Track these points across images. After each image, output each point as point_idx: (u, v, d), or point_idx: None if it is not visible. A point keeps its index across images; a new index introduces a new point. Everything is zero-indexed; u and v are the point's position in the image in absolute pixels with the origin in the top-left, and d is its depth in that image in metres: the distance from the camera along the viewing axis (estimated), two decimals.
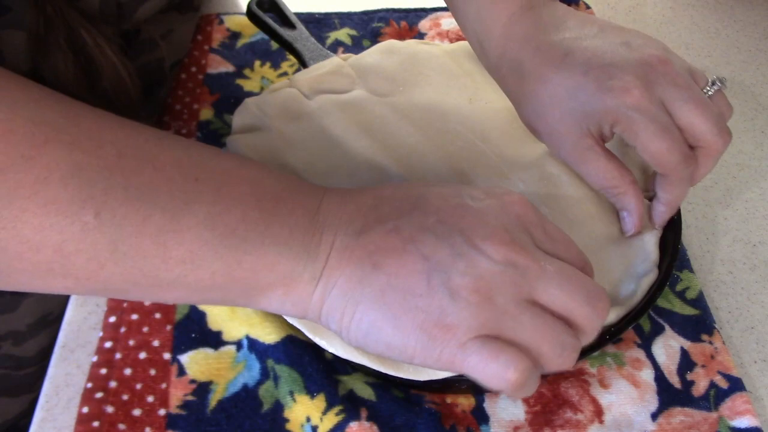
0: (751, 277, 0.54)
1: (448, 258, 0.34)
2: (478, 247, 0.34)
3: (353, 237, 0.35)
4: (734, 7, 0.77)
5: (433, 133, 0.53)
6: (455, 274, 0.34)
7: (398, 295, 0.34)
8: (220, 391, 0.46)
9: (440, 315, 0.33)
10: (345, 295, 0.35)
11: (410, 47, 0.58)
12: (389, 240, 0.35)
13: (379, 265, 0.34)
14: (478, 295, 0.33)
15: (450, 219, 0.35)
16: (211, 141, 0.60)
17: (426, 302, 0.34)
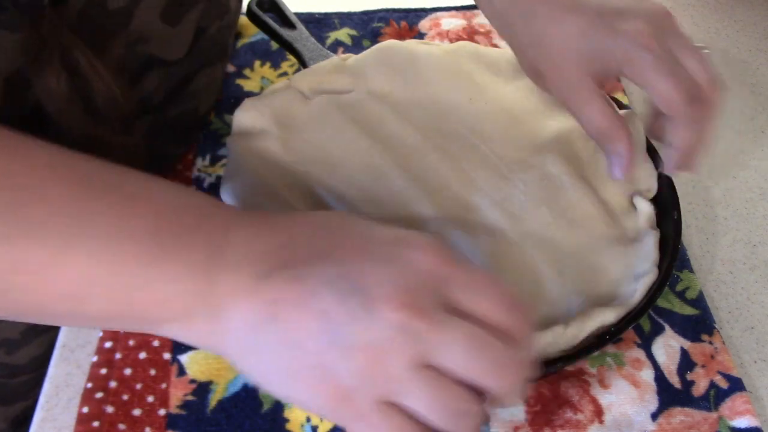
0: (751, 277, 0.54)
1: (343, 319, 0.32)
2: (374, 310, 0.32)
3: (255, 280, 0.34)
4: (734, 7, 0.77)
5: (433, 133, 0.53)
6: (350, 335, 0.32)
7: (293, 350, 0.33)
8: (220, 391, 0.46)
9: (334, 377, 0.32)
10: (242, 340, 0.34)
11: (410, 47, 0.58)
12: (290, 290, 0.33)
13: (277, 317, 0.33)
14: (369, 359, 0.32)
15: (354, 274, 0.33)
16: (211, 141, 0.60)
17: (319, 361, 0.32)
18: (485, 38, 0.70)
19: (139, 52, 0.49)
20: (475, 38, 0.70)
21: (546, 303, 0.45)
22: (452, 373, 0.33)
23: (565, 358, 0.42)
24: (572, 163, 0.52)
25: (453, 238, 0.47)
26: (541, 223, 0.48)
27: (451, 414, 0.32)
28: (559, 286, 0.46)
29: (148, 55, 0.50)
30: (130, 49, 0.48)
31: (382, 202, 0.49)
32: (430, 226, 0.47)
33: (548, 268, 0.46)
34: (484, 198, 0.49)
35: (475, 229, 0.47)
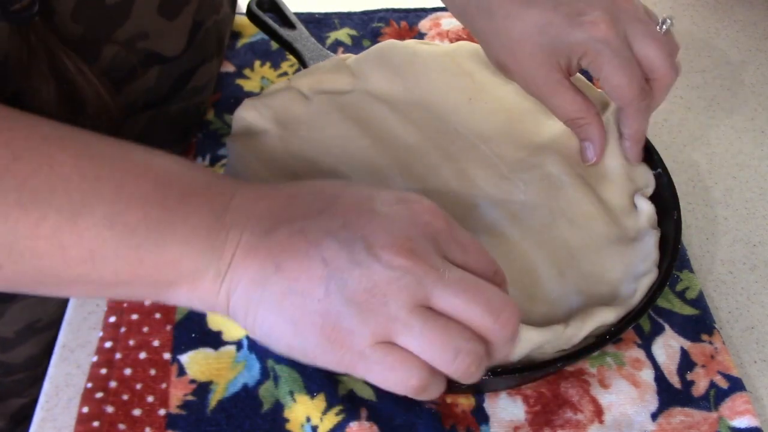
0: (751, 277, 0.54)
1: (346, 264, 0.34)
2: (376, 255, 0.34)
3: (260, 236, 0.35)
4: (734, 7, 0.77)
5: (433, 133, 0.53)
6: (351, 280, 0.34)
7: (297, 299, 0.34)
8: (220, 391, 0.46)
9: (336, 320, 0.34)
10: (248, 295, 0.35)
11: (410, 47, 0.58)
12: (294, 242, 0.35)
13: (282, 267, 0.34)
14: (372, 302, 0.33)
15: (355, 224, 0.35)
16: (211, 141, 0.60)
17: (324, 307, 0.34)
18: None
19: (138, 49, 0.49)
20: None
21: (546, 303, 0.45)
22: (450, 315, 0.34)
23: (565, 358, 0.42)
24: (572, 163, 0.52)
25: None
26: (541, 223, 0.48)
27: (450, 351, 0.34)
28: (559, 286, 0.46)
29: (147, 52, 0.50)
30: (130, 46, 0.48)
31: None
32: None
33: (548, 268, 0.46)
34: (484, 197, 0.49)
35: (475, 229, 0.47)
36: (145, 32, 0.49)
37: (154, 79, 0.52)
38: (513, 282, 0.45)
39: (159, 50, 0.51)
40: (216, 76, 0.63)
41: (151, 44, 0.50)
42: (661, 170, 0.51)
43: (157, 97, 0.54)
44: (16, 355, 0.60)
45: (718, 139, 0.64)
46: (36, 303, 0.58)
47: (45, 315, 0.60)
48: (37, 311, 0.59)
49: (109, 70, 0.48)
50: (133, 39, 0.48)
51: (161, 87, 0.54)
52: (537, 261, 0.47)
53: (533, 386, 0.46)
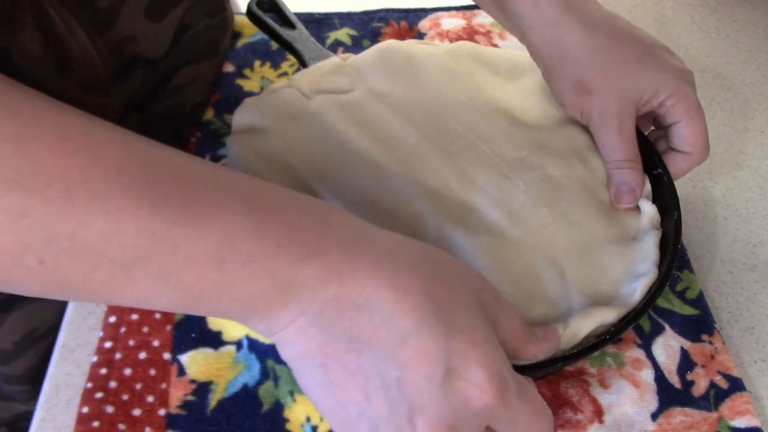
0: (751, 277, 0.54)
1: (384, 416, 0.33)
2: (414, 427, 0.33)
3: (317, 329, 0.34)
4: (734, 7, 0.77)
5: (433, 133, 0.53)
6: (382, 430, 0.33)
7: (332, 400, 0.34)
8: (220, 391, 0.46)
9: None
10: (290, 358, 0.35)
11: (410, 47, 0.58)
12: (347, 359, 0.33)
13: (327, 369, 0.34)
14: None
15: (409, 386, 0.33)
16: (211, 141, 0.60)
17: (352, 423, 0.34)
18: (485, 38, 0.70)
19: (126, 52, 0.49)
20: (475, 38, 0.70)
21: (546, 303, 0.45)
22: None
23: (565, 358, 0.42)
24: (572, 163, 0.52)
25: (453, 238, 0.47)
26: (542, 223, 0.48)
27: None
28: (559, 286, 0.46)
29: (134, 55, 0.50)
30: (118, 49, 0.48)
31: (383, 201, 0.49)
32: (430, 225, 0.47)
33: (548, 268, 0.46)
34: (484, 198, 0.49)
35: (476, 229, 0.47)
36: (133, 36, 0.49)
37: (139, 82, 0.52)
38: (513, 282, 0.45)
39: (145, 54, 0.51)
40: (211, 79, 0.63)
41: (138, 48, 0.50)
42: (661, 170, 0.51)
43: (143, 98, 0.54)
44: (15, 367, 0.60)
45: (718, 139, 0.64)
46: (34, 311, 0.58)
47: (42, 323, 0.59)
48: (34, 319, 0.59)
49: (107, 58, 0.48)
50: (121, 42, 0.48)
51: (145, 89, 0.53)
52: (537, 261, 0.47)
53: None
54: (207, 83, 0.63)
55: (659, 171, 0.52)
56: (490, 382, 0.34)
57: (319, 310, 0.33)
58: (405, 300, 0.34)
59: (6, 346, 0.58)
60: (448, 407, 0.33)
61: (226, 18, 0.61)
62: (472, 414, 0.34)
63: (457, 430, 0.34)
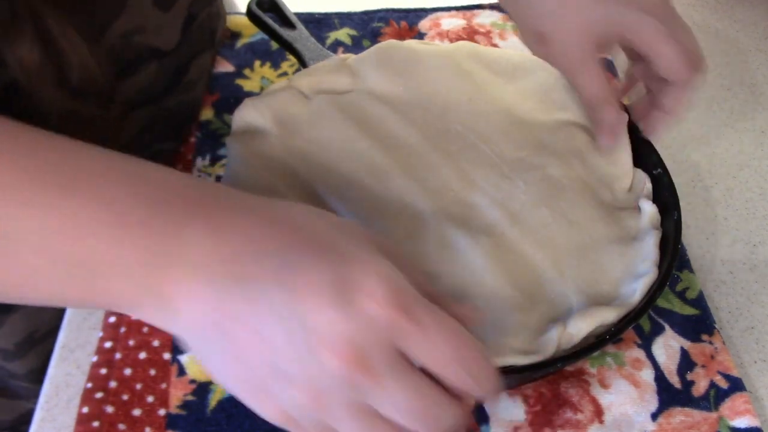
0: (751, 277, 0.54)
1: (289, 354, 0.32)
2: (317, 355, 0.32)
3: (206, 286, 0.33)
4: (734, 7, 0.77)
5: (433, 134, 0.53)
6: (292, 372, 0.32)
7: (237, 364, 0.33)
8: (220, 391, 0.46)
9: (275, 400, 0.33)
10: (188, 337, 0.34)
11: (410, 47, 0.58)
12: (243, 310, 0.33)
13: (227, 333, 0.33)
14: (309, 398, 0.33)
15: (305, 314, 0.32)
16: (211, 141, 0.60)
17: (263, 383, 0.33)
18: (485, 38, 0.70)
19: (135, 43, 0.49)
20: (475, 38, 0.70)
21: (546, 303, 0.45)
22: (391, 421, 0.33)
23: (565, 358, 0.42)
24: (572, 163, 0.52)
25: (453, 238, 0.47)
26: (542, 223, 0.48)
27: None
28: (559, 286, 0.46)
29: (144, 46, 0.50)
30: (126, 40, 0.48)
31: (383, 201, 0.49)
32: (430, 225, 0.47)
33: (548, 268, 0.46)
34: (484, 197, 0.49)
35: (476, 229, 0.47)
36: (142, 26, 0.49)
37: (153, 74, 0.52)
38: (513, 282, 0.45)
39: (156, 44, 0.51)
40: (209, 72, 0.63)
41: (148, 38, 0.50)
42: (661, 170, 0.51)
43: (155, 92, 0.54)
44: (18, 366, 0.60)
45: (718, 139, 0.64)
46: (34, 312, 0.58)
47: (42, 325, 0.59)
48: (35, 321, 0.58)
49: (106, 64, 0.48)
50: (130, 32, 0.48)
51: (159, 82, 0.53)
52: (537, 261, 0.47)
53: (533, 386, 0.46)
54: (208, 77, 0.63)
55: (659, 171, 0.52)
56: (389, 293, 0.32)
57: (207, 266, 0.33)
58: (291, 234, 0.34)
59: (7, 347, 0.58)
60: (347, 325, 0.32)
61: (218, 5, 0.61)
62: (376, 331, 0.32)
63: (365, 351, 0.32)
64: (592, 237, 0.48)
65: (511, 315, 0.44)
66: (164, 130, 0.57)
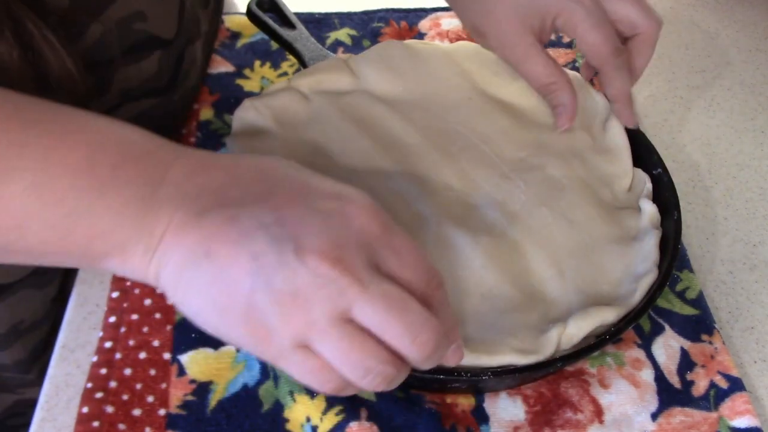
0: (751, 277, 0.54)
1: (274, 263, 0.33)
2: (303, 259, 0.33)
3: (193, 216, 0.34)
4: (734, 7, 0.77)
5: (433, 134, 0.53)
6: (277, 281, 0.33)
7: (225, 288, 0.34)
8: (220, 391, 0.46)
9: (260, 317, 0.33)
10: (177, 274, 0.35)
11: (410, 47, 0.58)
12: (226, 229, 0.34)
13: (211, 254, 0.34)
14: (293, 305, 0.33)
15: (288, 221, 0.34)
16: (211, 141, 0.60)
17: (249, 301, 0.33)
18: None
19: (136, 30, 0.49)
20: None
21: (546, 303, 0.45)
22: (368, 329, 0.34)
23: (565, 358, 0.42)
24: (572, 163, 0.52)
25: (453, 238, 0.47)
26: (542, 223, 0.48)
27: (360, 369, 0.34)
28: (559, 286, 0.46)
29: (146, 34, 0.50)
30: (125, 27, 0.48)
31: (383, 201, 0.48)
32: (430, 225, 0.47)
33: (548, 268, 0.46)
34: (484, 197, 0.49)
35: (476, 229, 0.47)
36: (141, 12, 0.49)
37: (156, 65, 0.52)
38: (513, 281, 0.46)
39: (157, 33, 0.51)
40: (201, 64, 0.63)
41: (149, 26, 0.50)
42: (661, 170, 0.51)
43: (161, 84, 0.54)
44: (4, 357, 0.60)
45: (718, 139, 0.64)
46: (17, 302, 0.58)
47: (27, 315, 0.59)
48: (18, 312, 0.58)
49: (98, 50, 0.48)
50: (128, 19, 0.48)
51: (164, 73, 0.53)
52: (537, 261, 0.47)
53: (533, 386, 0.46)
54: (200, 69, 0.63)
55: (659, 171, 0.52)
56: (365, 199, 0.35)
57: (191, 200, 0.34)
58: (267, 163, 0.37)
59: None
60: (329, 228, 0.34)
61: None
62: (354, 231, 0.34)
63: (343, 250, 0.33)
64: (592, 237, 0.48)
65: (510, 314, 0.44)
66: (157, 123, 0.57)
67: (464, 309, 0.44)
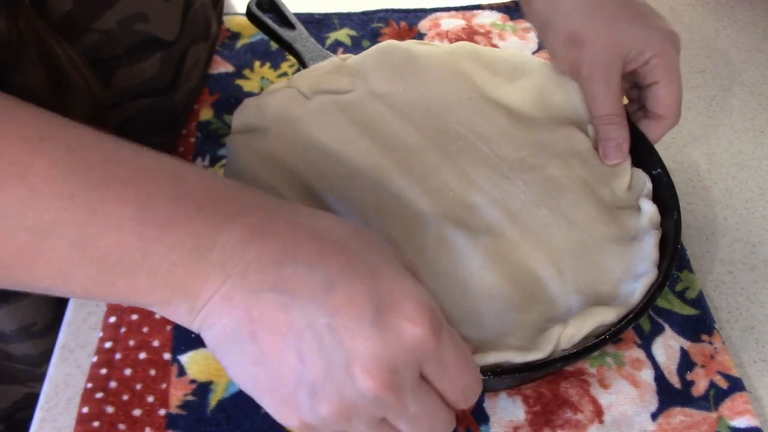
0: (751, 277, 0.54)
1: (321, 373, 0.33)
2: (353, 377, 0.32)
3: (242, 292, 0.33)
4: (734, 7, 0.77)
5: (433, 134, 0.53)
6: (322, 390, 0.33)
7: (265, 374, 0.33)
8: (220, 391, 0.46)
9: (299, 411, 0.34)
10: (218, 342, 0.34)
11: (410, 47, 0.58)
12: (276, 317, 0.33)
13: (258, 339, 0.33)
14: (336, 414, 0.33)
15: (341, 331, 0.32)
16: (211, 141, 0.60)
17: (290, 394, 0.33)
18: (485, 38, 0.70)
19: (137, 31, 0.49)
20: (475, 38, 0.70)
21: (546, 303, 0.45)
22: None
23: (565, 358, 0.42)
24: (572, 163, 0.52)
25: (453, 238, 0.47)
26: (541, 223, 0.48)
27: None
28: (559, 286, 0.46)
29: (146, 35, 0.50)
30: (126, 27, 0.48)
31: (383, 201, 0.49)
32: (430, 225, 0.47)
33: (548, 268, 0.46)
34: (484, 197, 0.49)
35: (476, 229, 0.47)
36: (144, 13, 0.49)
37: (157, 66, 0.52)
38: (512, 281, 0.45)
39: (158, 34, 0.51)
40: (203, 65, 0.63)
41: (150, 27, 0.50)
42: (661, 170, 0.51)
43: (161, 85, 0.54)
44: (14, 349, 0.60)
45: (718, 139, 0.64)
46: (28, 306, 0.58)
47: (39, 318, 0.59)
48: (29, 315, 0.58)
49: (97, 50, 0.48)
50: (130, 20, 0.48)
51: (164, 74, 0.53)
52: (537, 261, 0.47)
53: (533, 386, 0.46)
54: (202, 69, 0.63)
55: (659, 171, 0.52)
56: (423, 314, 0.33)
57: (242, 272, 0.33)
58: (328, 249, 0.34)
59: (4, 330, 0.58)
60: (383, 347, 0.33)
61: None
62: (407, 350, 0.33)
63: (396, 371, 0.33)
64: (591, 237, 0.48)
65: (510, 314, 0.44)
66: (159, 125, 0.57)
67: (464, 309, 0.44)
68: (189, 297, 0.34)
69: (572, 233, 0.48)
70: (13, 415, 0.65)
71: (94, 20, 0.47)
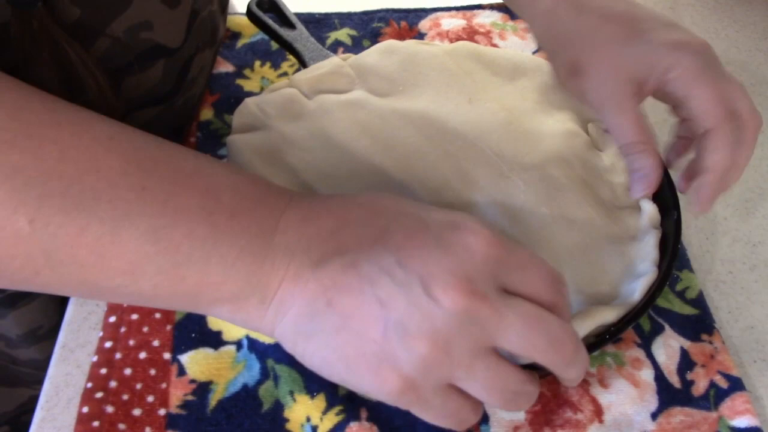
0: (751, 277, 0.54)
1: (404, 308, 0.32)
2: (436, 298, 0.32)
3: (309, 267, 0.34)
4: (734, 7, 0.77)
5: (433, 133, 0.53)
6: (411, 325, 0.32)
7: (352, 337, 0.33)
8: (220, 390, 0.46)
9: (395, 365, 0.33)
10: (296, 326, 0.34)
11: (410, 47, 0.58)
12: (346, 277, 0.33)
13: (334, 303, 0.33)
14: (434, 348, 0.32)
15: (410, 261, 0.33)
16: (211, 141, 0.60)
17: (381, 349, 0.33)
18: (485, 38, 0.70)
19: (142, 39, 0.49)
20: (475, 38, 0.70)
21: None
22: (514, 353, 0.34)
23: None
24: (572, 163, 0.52)
25: None
26: (541, 223, 0.48)
27: (508, 394, 0.34)
28: None
29: (151, 43, 0.50)
30: (132, 35, 0.48)
31: None
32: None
33: None
34: (484, 197, 0.49)
35: None
36: (149, 21, 0.49)
37: (161, 73, 0.52)
38: None
39: (163, 42, 0.51)
40: (209, 70, 0.63)
41: (155, 35, 0.50)
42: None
43: (164, 92, 0.54)
44: (21, 353, 0.60)
45: None
46: (36, 309, 0.58)
47: (46, 321, 0.59)
48: (37, 318, 0.59)
49: (106, 59, 0.48)
50: (136, 28, 0.48)
51: (167, 81, 0.53)
52: None
53: None
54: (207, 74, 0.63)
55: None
56: (483, 227, 0.35)
57: (305, 249, 0.34)
58: (376, 209, 0.36)
59: (10, 335, 0.59)
60: (453, 260, 0.33)
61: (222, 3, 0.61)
62: (479, 260, 0.33)
63: (474, 282, 0.33)
64: (591, 237, 0.48)
65: None
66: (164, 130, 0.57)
67: None
68: (259, 286, 0.34)
69: (572, 233, 0.48)
70: (18, 417, 0.65)
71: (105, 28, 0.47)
